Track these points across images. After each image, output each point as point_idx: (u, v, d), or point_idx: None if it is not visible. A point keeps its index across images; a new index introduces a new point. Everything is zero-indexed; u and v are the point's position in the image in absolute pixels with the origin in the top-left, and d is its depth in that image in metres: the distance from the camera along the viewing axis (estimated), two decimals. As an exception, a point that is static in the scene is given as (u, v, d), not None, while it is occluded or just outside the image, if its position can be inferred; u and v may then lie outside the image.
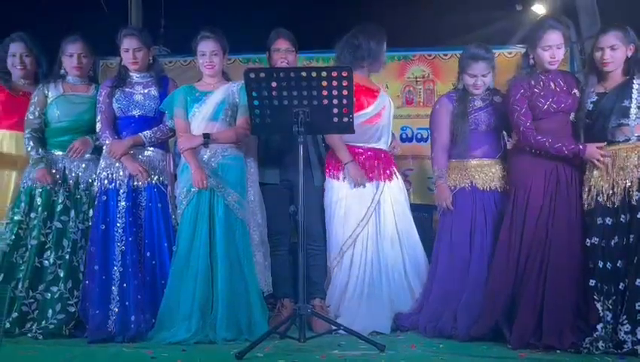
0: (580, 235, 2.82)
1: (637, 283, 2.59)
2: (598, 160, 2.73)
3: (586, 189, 2.81)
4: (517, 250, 2.85)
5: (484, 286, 2.90)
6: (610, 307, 2.65)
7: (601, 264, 2.72)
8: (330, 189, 3.20)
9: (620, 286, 2.64)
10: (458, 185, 3.07)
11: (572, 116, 2.93)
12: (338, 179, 3.17)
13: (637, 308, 2.57)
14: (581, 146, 2.78)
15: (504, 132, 3.19)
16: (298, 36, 3.50)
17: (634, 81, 2.76)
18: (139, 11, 6.16)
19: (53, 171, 3.07)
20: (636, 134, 2.74)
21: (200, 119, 2.97)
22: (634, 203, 2.66)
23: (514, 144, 3.08)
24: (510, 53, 4.81)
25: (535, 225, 2.84)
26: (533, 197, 2.87)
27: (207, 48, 2.99)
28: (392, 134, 3.40)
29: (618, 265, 2.66)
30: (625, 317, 2.59)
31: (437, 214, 3.22)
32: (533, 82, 2.92)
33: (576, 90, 2.94)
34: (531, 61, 2.93)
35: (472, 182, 3.05)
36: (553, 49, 2.87)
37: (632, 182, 2.69)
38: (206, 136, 2.91)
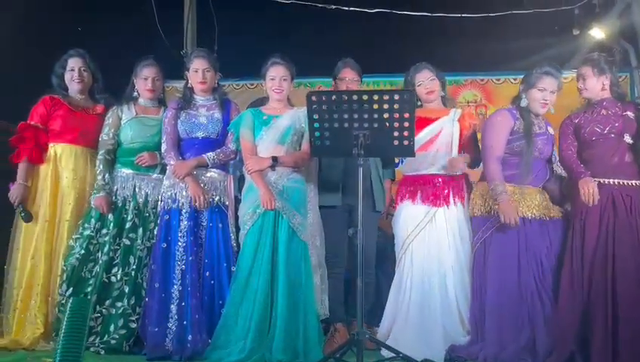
0: None
1: None
2: (584, 192, 2.79)
3: None
4: (580, 279, 2.78)
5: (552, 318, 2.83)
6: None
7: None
8: (397, 213, 3.23)
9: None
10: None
11: (627, 138, 2.87)
12: (402, 201, 3.19)
13: None
14: (583, 175, 2.83)
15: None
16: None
17: None
18: (193, 37, 6.36)
19: (124, 188, 3.17)
20: None
21: (268, 142, 3.02)
22: None
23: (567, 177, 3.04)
24: (566, 79, 4.71)
25: (594, 253, 2.77)
26: (590, 225, 2.80)
27: (277, 73, 3.06)
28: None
29: None
30: None
31: (475, 241, 3.05)
32: (585, 112, 2.95)
33: (629, 113, 2.89)
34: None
35: (518, 209, 2.95)
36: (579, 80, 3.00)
37: None
38: (274, 159, 2.96)
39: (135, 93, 3.29)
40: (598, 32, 5.26)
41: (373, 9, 5.15)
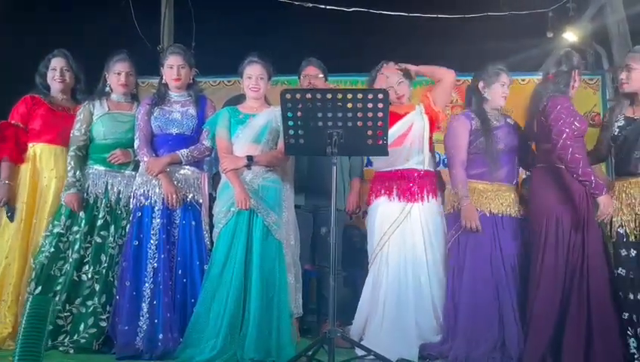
0: (607, 263, 2.80)
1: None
2: (604, 211, 2.71)
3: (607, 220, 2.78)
4: (561, 282, 2.80)
5: (522, 318, 2.86)
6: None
7: (632, 296, 2.68)
8: (372, 209, 3.22)
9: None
10: (479, 209, 3.00)
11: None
12: (378, 197, 3.19)
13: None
14: (605, 189, 2.72)
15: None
16: (329, 59, 3.64)
17: None
18: (170, 33, 6.30)
19: (95, 185, 3.14)
20: None
21: (243, 141, 3.02)
22: None
23: (538, 168, 3.02)
24: (540, 80, 4.79)
25: (571, 256, 2.80)
26: (573, 226, 2.82)
27: (254, 72, 3.06)
28: None
29: None
30: None
31: (449, 239, 3.09)
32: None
33: None
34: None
35: (491, 207, 3.00)
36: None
37: None
38: (249, 158, 2.96)
39: (107, 89, 3.25)
40: (571, 35, 5.37)
41: (351, 8, 5.17)
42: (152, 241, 2.96)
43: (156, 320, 2.86)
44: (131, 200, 3.08)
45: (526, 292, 2.90)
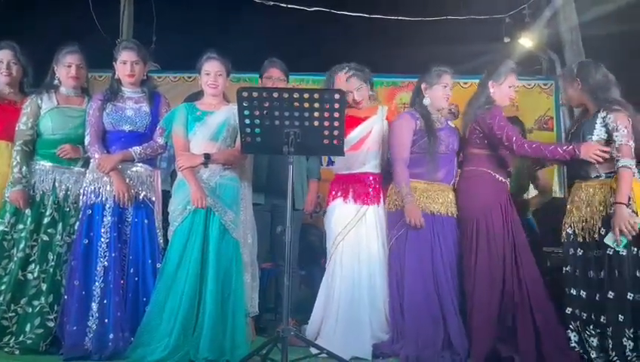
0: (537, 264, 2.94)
1: (619, 318, 2.63)
2: (594, 156, 2.75)
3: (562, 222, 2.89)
4: (499, 284, 2.88)
5: (462, 316, 2.93)
6: (589, 334, 2.71)
7: (574, 291, 2.79)
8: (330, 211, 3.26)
9: (602, 320, 2.69)
10: (420, 208, 3.03)
11: None
12: (335, 199, 3.23)
13: (624, 343, 2.61)
14: (576, 147, 2.78)
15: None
16: (290, 58, 3.60)
17: (598, 115, 2.82)
18: (130, 26, 6.17)
19: (42, 182, 3.04)
20: (605, 171, 2.79)
21: (201, 138, 2.97)
22: (596, 238, 2.74)
23: (466, 172, 3.12)
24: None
25: (503, 247, 2.91)
26: (504, 228, 2.93)
27: (212, 69, 3.02)
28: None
29: (597, 298, 2.72)
30: (614, 354, 2.64)
31: (390, 238, 3.11)
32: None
33: None
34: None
35: (431, 206, 3.05)
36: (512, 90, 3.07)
37: (594, 218, 2.76)
38: (206, 156, 2.91)
39: (56, 82, 3.15)
40: (526, 41, 5.52)
41: (312, 7, 5.18)
42: (102, 240, 2.90)
43: (107, 320, 2.80)
44: (81, 197, 3.01)
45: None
